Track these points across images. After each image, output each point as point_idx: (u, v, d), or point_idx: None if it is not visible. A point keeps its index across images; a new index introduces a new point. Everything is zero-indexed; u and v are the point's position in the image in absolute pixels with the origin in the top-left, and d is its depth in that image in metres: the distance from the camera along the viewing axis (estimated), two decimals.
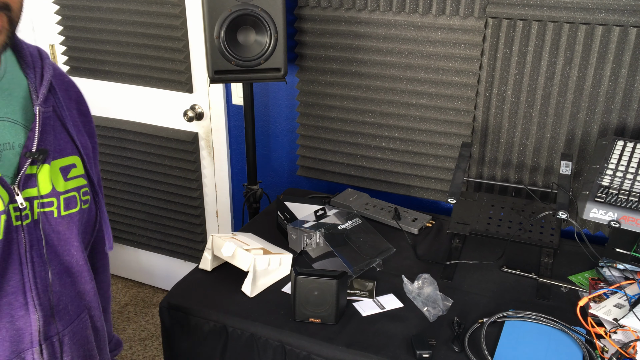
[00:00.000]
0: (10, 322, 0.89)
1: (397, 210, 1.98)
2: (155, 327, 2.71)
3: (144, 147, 2.59)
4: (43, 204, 0.90)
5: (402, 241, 1.84)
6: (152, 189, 2.66)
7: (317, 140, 2.23)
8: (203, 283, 1.63)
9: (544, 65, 1.78)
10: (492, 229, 1.74)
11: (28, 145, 0.88)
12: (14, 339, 0.90)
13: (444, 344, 1.39)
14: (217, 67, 1.88)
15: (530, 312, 1.47)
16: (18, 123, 0.89)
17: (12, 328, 0.89)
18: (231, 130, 2.46)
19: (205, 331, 1.52)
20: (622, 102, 1.74)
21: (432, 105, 1.98)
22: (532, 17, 1.74)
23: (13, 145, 0.88)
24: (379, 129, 2.09)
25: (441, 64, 1.91)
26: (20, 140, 0.89)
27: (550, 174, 1.90)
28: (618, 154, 1.62)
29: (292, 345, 1.42)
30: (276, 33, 1.87)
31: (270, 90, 2.30)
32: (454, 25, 1.85)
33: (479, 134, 1.95)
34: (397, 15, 1.91)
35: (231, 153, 2.51)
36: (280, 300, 1.54)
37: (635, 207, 1.45)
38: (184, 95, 2.46)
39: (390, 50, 1.97)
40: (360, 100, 2.08)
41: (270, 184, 2.46)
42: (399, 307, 1.53)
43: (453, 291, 1.58)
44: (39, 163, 0.89)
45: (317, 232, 1.73)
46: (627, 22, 1.65)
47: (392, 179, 2.15)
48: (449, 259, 1.74)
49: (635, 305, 1.41)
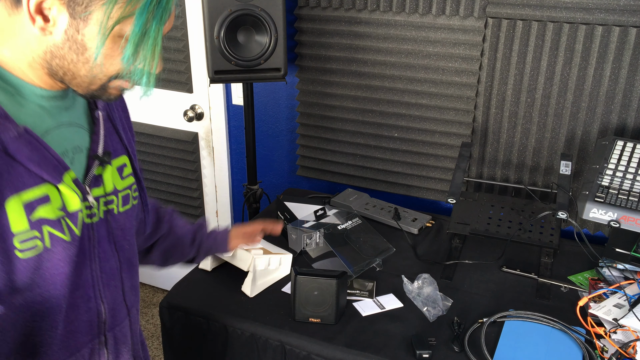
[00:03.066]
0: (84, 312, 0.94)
1: (397, 210, 1.98)
2: (155, 327, 2.71)
3: (144, 147, 2.59)
4: (107, 202, 0.97)
5: (402, 241, 1.84)
6: (152, 188, 2.66)
7: (317, 140, 2.23)
8: (203, 283, 1.63)
9: (543, 65, 1.78)
10: (492, 229, 1.74)
11: (94, 148, 0.94)
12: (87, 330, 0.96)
13: (444, 344, 1.39)
14: (217, 67, 1.88)
15: (530, 312, 1.47)
16: (83, 127, 0.95)
17: (86, 318, 0.95)
18: (231, 130, 2.46)
19: (205, 331, 1.52)
20: (622, 102, 1.74)
21: (432, 105, 1.98)
22: (532, 17, 1.74)
23: (81, 149, 0.93)
24: (379, 129, 2.09)
25: (441, 64, 1.91)
26: (86, 143, 0.94)
27: (550, 174, 1.90)
28: (618, 154, 1.62)
29: (292, 345, 1.42)
30: (276, 33, 1.87)
31: (270, 90, 2.30)
32: (454, 25, 1.85)
33: (479, 134, 1.95)
34: (397, 15, 1.91)
35: (231, 153, 2.51)
36: (280, 300, 1.54)
37: (635, 207, 1.45)
38: (184, 95, 2.46)
39: (390, 50, 1.97)
40: (360, 100, 2.08)
41: (270, 184, 2.46)
42: (399, 307, 1.53)
43: (453, 291, 1.58)
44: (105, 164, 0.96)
45: (317, 232, 1.73)
46: (627, 22, 1.65)
47: (392, 179, 2.15)
48: (448, 259, 1.74)
49: (635, 305, 1.41)
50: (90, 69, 0.83)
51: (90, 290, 0.94)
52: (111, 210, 0.97)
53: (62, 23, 0.78)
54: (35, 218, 0.82)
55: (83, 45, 0.80)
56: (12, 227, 0.80)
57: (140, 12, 0.79)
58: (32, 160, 0.81)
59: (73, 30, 0.79)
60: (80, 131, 0.94)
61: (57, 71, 0.83)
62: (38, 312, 0.88)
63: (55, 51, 0.81)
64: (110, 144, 0.99)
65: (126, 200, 1.01)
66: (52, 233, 0.85)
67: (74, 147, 0.92)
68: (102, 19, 0.78)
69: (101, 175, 0.96)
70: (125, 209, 1.01)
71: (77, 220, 0.89)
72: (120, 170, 1.00)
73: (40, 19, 0.77)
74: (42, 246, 0.84)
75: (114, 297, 1.00)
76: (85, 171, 0.93)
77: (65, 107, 0.91)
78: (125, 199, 1.01)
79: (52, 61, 0.82)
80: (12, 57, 0.82)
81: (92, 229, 0.94)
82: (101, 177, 0.95)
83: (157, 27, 0.81)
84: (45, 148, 0.84)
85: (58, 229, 0.86)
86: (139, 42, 0.81)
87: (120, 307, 1.02)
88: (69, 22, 0.78)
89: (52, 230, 0.85)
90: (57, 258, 0.86)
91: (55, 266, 0.86)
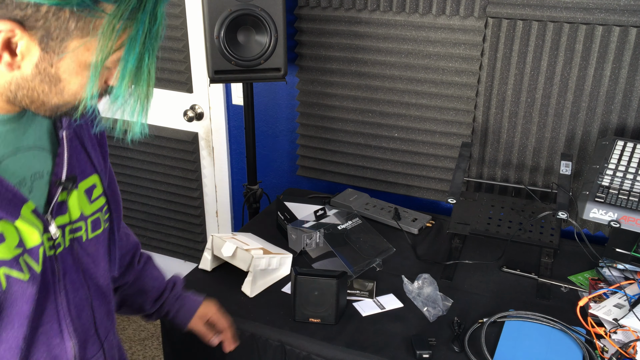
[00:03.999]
0: (47, 351, 0.88)
1: (397, 210, 1.98)
2: (155, 327, 2.71)
3: (144, 147, 2.59)
4: (73, 230, 0.89)
5: (402, 241, 1.84)
6: (152, 189, 2.66)
7: (317, 140, 2.23)
8: (203, 283, 1.63)
9: (544, 65, 1.78)
10: (492, 229, 1.74)
11: (57, 172, 0.86)
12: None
13: (444, 344, 1.39)
14: (217, 67, 1.88)
15: (530, 312, 1.47)
16: (45, 149, 0.87)
17: (50, 357, 0.88)
18: (231, 130, 2.46)
19: None
20: (622, 102, 1.74)
21: (432, 105, 1.98)
22: (532, 17, 1.74)
23: (42, 174, 0.85)
24: (379, 129, 2.09)
25: (441, 64, 1.91)
26: (47, 168, 0.86)
27: (550, 174, 1.90)
28: (618, 154, 1.61)
29: (292, 345, 1.42)
30: (276, 33, 1.87)
31: (270, 90, 2.30)
32: (454, 25, 1.85)
33: (479, 134, 1.95)
34: (397, 15, 1.91)
35: (231, 153, 2.51)
36: (280, 300, 1.54)
37: (635, 207, 1.45)
38: (183, 95, 2.46)
39: (390, 50, 1.96)
40: (360, 100, 2.08)
41: (270, 184, 2.46)
42: (399, 307, 1.53)
43: (453, 291, 1.58)
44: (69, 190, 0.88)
45: (317, 232, 1.73)
46: (627, 22, 1.65)
47: (392, 179, 2.15)
48: (449, 259, 1.74)
49: (635, 305, 1.41)
50: (62, 98, 0.77)
51: (56, 326, 0.88)
52: (79, 238, 0.90)
53: (32, 57, 0.72)
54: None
55: (57, 77, 0.74)
56: None
57: (130, 46, 0.72)
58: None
59: (45, 64, 0.72)
60: (41, 154, 0.85)
61: (22, 100, 0.76)
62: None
63: (22, 83, 0.74)
64: (77, 164, 0.91)
65: (96, 225, 0.94)
66: (8, 275, 0.78)
67: (33, 173, 0.83)
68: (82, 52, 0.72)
69: (65, 201, 0.87)
70: (95, 234, 0.94)
71: (37, 256, 0.82)
72: (89, 192, 0.93)
73: (7, 55, 0.70)
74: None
75: (85, 330, 0.94)
76: (47, 198, 0.85)
77: (23, 129, 0.83)
78: (95, 223, 0.94)
79: (18, 92, 0.75)
80: None
81: (55, 260, 0.86)
82: (65, 204, 0.88)
83: (151, 59, 0.75)
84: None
85: (15, 268, 0.79)
86: (133, 77, 0.75)
87: (92, 340, 0.96)
88: (41, 56, 0.72)
89: (8, 272, 0.78)
90: (15, 298, 0.80)
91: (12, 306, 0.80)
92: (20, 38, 0.69)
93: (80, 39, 0.71)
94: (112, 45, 0.72)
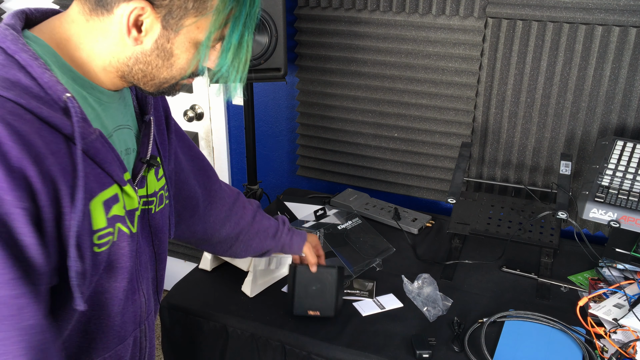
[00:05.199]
0: (132, 304, 0.99)
1: (397, 210, 1.98)
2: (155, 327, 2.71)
3: None
4: (147, 202, 1.01)
5: (402, 241, 1.84)
6: None
7: (317, 140, 2.23)
8: (203, 283, 1.63)
9: (543, 65, 1.78)
10: (492, 229, 1.74)
11: (142, 151, 0.98)
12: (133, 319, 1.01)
13: (444, 344, 1.39)
14: None
15: (530, 312, 1.47)
16: (132, 129, 0.98)
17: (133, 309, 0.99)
18: (231, 130, 2.46)
19: (205, 331, 1.52)
20: (622, 102, 1.74)
21: (432, 105, 1.98)
22: (532, 17, 1.74)
23: (130, 151, 0.96)
24: (379, 129, 2.09)
25: (441, 64, 1.91)
26: (134, 145, 0.98)
27: (550, 174, 1.90)
28: (618, 154, 1.62)
29: (292, 345, 1.42)
30: (276, 33, 1.87)
31: (270, 90, 2.30)
32: (454, 25, 1.85)
33: (479, 134, 1.95)
34: (397, 15, 1.92)
35: (231, 153, 2.51)
36: (280, 300, 1.54)
37: (635, 207, 1.45)
38: (183, 95, 2.46)
39: (390, 50, 1.97)
40: (360, 100, 2.08)
41: (270, 184, 2.46)
42: (398, 307, 1.53)
43: (453, 291, 1.58)
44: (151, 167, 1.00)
45: (317, 232, 1.73)
46: (627, 22, 1.65)
47: (392, 179, 2.15)
48: (448, 259, 1.74)
49: (635, 305, 1.41)
50: (170, 72, 0.87)
51: (135, 282, 0.99)
52: (149, 210, 1.02)
53: (154, 33, 0.82)
54: (110, 216, 0.87)
55: (171, 52, 0.84)
56: (94, 225, 0.84)
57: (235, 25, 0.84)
58: (106, 162, 0.85)
59: (164, 40, 0.83)
60: (130, 133, 0.97)
61: (136, 74, 0.86)
62: (98, 303, 0.92)
63: (141, 57, 0.84)
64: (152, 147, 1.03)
65: (161, 201, 1.06)
66: (121, 229, 0.90)
67: (127, 148, 0.95)
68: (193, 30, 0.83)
69: (145, 177, 1.00)
70: (160, 207, 1.05)
71: (134, 218, 0.95)
72: (156, 172, 1.04)
73: (135, 31, 0.81)
74: (111, 241, 0.89)
75: (148, 289, 1.05)
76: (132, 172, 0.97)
77: (122, 108, 0.95)
78: (160, 198, 1.06)
79: (135, 66, 0.85)
80: (88, 60, 0.85)
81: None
82: (145, 179, 1.00)
83: (249, 36, 0.86)
84: (112, 150, 0.87)
85: (125, 225, 0.91)
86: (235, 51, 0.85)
87: (151, 298, 1.07)
88: (161, 33, 0.82)
89: (121, 227, 0.90)
90: (122, 252, 0.91)
91: (120, 260, 0.91)
92: (147, 16, 0.80)
93: (194, 17, 0.82)
94: (221, 24, 0.83)
